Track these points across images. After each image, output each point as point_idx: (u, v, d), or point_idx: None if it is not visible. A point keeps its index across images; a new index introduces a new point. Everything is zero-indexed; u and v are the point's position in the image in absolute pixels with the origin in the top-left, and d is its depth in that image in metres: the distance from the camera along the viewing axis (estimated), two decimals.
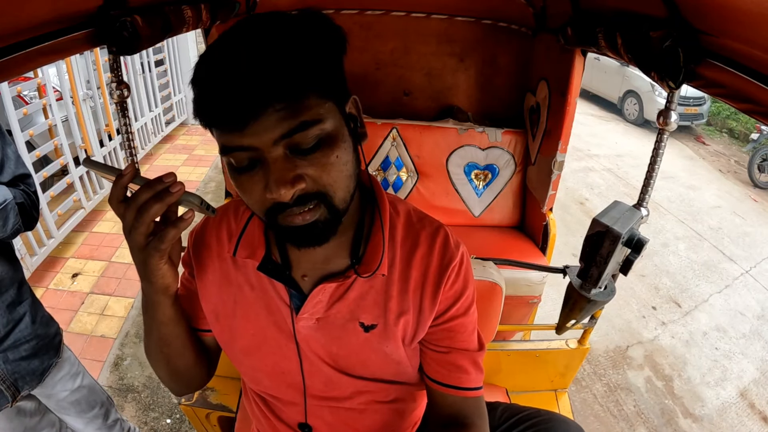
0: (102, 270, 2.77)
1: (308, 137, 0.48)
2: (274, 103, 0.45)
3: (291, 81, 0.46)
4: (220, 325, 0.69)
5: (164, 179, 0.52)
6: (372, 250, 0.63)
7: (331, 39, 0.50)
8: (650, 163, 1.01)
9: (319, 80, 0.48)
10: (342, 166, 0.51)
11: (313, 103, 0.48)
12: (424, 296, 0.65)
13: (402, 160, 1.93)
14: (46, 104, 2.70)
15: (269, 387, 0.74)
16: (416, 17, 1.88)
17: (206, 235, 0.70)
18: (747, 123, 6.88)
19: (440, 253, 0.65)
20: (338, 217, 0.54)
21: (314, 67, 0.48)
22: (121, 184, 0.52)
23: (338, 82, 0.52)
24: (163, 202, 0.51)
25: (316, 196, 0.51)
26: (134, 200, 0.52)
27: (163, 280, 0.58)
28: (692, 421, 2.18)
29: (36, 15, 0.66)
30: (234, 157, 0.50)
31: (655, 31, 0.76)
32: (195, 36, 4.92)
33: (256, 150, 0.48)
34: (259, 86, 0.45)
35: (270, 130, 0.46)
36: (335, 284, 0.63)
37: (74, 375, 1.23)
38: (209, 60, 0.48)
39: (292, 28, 0.48)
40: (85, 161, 0.53)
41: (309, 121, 0.47)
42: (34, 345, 1.10)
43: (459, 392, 0.69)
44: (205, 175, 4.05)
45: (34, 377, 1.11)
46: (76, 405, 1.25)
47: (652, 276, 3.26)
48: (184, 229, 0.55)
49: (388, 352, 0.66)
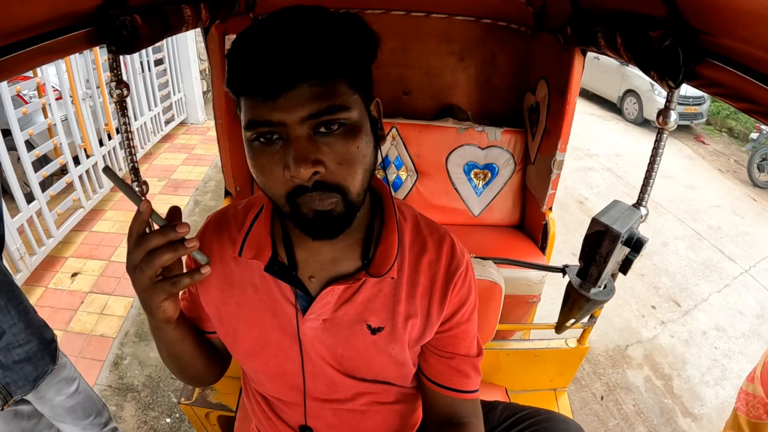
0: (101, 269, 2.77)
1: (335, 121, 0.49)
2: (309, 79, 0.47)
3: (327, 61, 0.48)
4: (224, 328, 0.70)
5: (177, 229, 0.52)
6: (382, 253, 0.63)
7: (367, 38, 0.52)
8: (650, 163, 1.01)
9: (352, 70, 0.50)
10: (361, 158, 0.52)
11: (343, 90, 0.49)
12: (432, 302, 0.65)
13: (401, 159, 1.94)
14: (45, 103, 2.69)
15: (271, 388, 0.74)
16: (416, 16, 1.88)
17: (207, 239, 0.69)
18: (746, 122, 6.88)
19: (447, 260, 0.66)
20: (353, 210, 0.54)
21: (350, 57, 0.50)
22: (141, 219, 0.52)
23: (367, 81, 0.55)
24: (176, 253, 0.52)
25: (334, 188, 0.51)
26: (145, 243, 0.51)
27: (164, 314, 0.58)
28: (691, 420, 2.18)
29: (35, 14, 0.66)
30: (258, 132, 0.50)
31: (655, 30, 0.76)
32: (194, 35, 4.91)
33: (282, 126, 0.49)
34: (297, 60, 0.46)
35: (300, 107, 0.47)
36: (344, 286, 0.62)
37: (70, 380, 1.21)
38: (251, 34, 0.49)
39: (335, 20, 0.50)
40: (105, 170, 0.53)
41: (338, 105, 0.49)
42: (28, 350, 1.07)
43: (458, 394, 0.70)
44: (205, 174, 4.05)
45: (27, 382, 1.09)
46: (71, 412, 1.22)
47: (652, 275, 3.26)
48: (199, 280, 0.56)
49: (393, 354, 0.67)
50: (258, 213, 0.67)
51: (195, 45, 4.97)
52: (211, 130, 4.73)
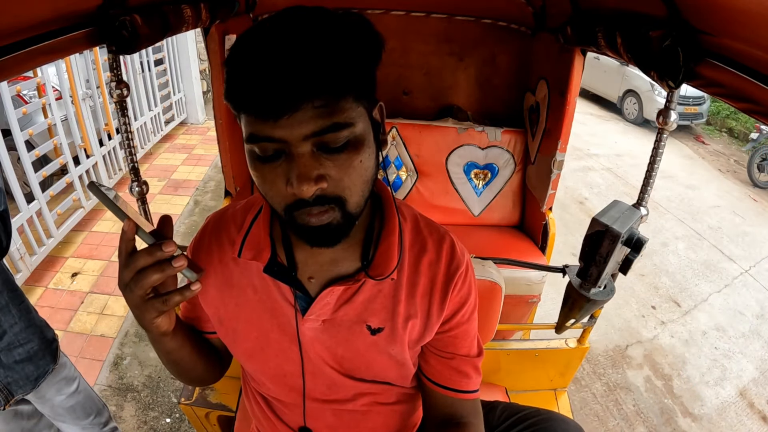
0: (101, 269, 2.77)
1: (338, 138, 0.48)
2: (313, 100, 0.45)
3: (333, 80, 0.45)
4: (224, 329, 0.70)
5: (164, 248, 0.51)
6: (383, 254, 0.63)
7: (372, 44, 0.50)
8: (650, 163, 1.02)
9: (358, 83, 0.49)
10: (363, 171, 0.52)
11: (348, 106, 0.48)
12: (432, 302, 0.65)
13: (401, 159, 1.94)
14: (45, 103, 2.69)
15: (271, 389, 0.74)
16: (416, 16, 1.88)
17: (206, 240, 0.69)
18: (746, 122, 6.88)
19: (447, 261, 0.66)
20: (351, 221, 0.54)
21: (356, 70, 0.48)
22: (126, 239, 0.52)
23: (371, 88, 0.53)
24: (164, 273, 0.51)
25: (334, 200, 0.51)
26: (133, 263, 0.51)
27: (158, 329, 0.58)
28: (691, 421, 2.18)
29: (36, 14, 0.66)
30: (259, 146, 0.49)
31: (655, 30, 0.76)
32: (194, 35, 4.91)
33: (284, 143, 0.47)
34: (302, 80, 0.44)
35: (303, 125, 0.46)
36: (343, 287, 0.62)
37: (70, 380, 1.21)
38: (251, 43, 0.47)
39: (338, 26, 0.47)
40: (90, 186, 0.51)
41: (342, 123, 0.47)
42: (29, 349, 1.08)
43: (458, 394, 0.70)
44: (205, 174, 4.05)
45: (28, 382, 1.09)
46: (71, 411, 1.22)
47: (652, 275, 3.26)
48: (190, 297, 0.55)
49: (393, 354, 0.67)
50: (257, 214, 0.66)
51: (195, 45, 4.97)
52: (211, 130, 4.73)
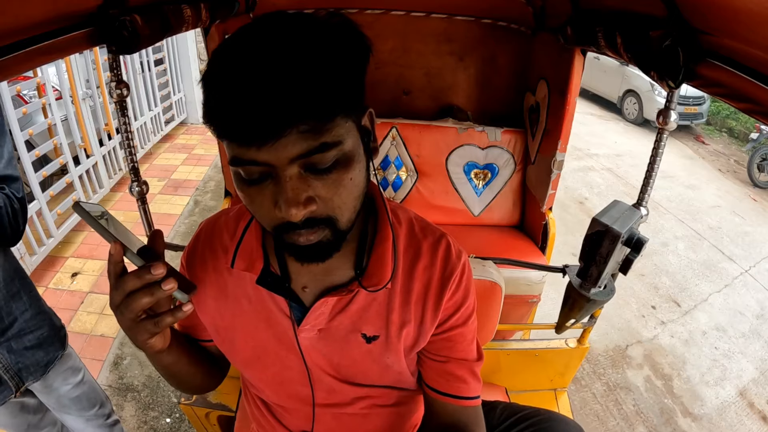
0: (101, 269, 2.77)
1: (326, 159, 0.46)
2: (298, 124, 0.42)
3: (319, 102, 0.42)
4: (221, 338, 0.70)
5: (153, 271, 0.50)
6: (375, 263, 0.62)
7: (359, 50, 0.47)
8: (650, 163, 1.01)
9: (346, 100, 0.46)
10: (354, 188, 0.50)
11: (337, 123, 0.45)
12: (426, 307, 0.64)
13: (401, 159, 1.93)
14: (45, 103, 2.69)
15: (271, 396, 0.74)
16: (416, 16, 1.88)
17: (199, 249, 0.69)
18: (746, 122, 6.88)
19: (442, 265, 0.64)
20: (342, 237, 0.53)
21: (343, 86, 0.44)
22: (114, 261, 0.51)
23: (360, 98, 0.49)
24: (153, 296, 0.51)
25: (324, 221, 0.49)
26: (123, 286, 0.50)
27: (152, 348, 0.57)
28: (691, 420, 2.18)
29: (35, 14, 0.66)
30: (244, 170, 0.47)
31: (655, 30, 0.76)
32: (194, 35, 4.91)
33: (270, 166, 0.45)
34: (285, 105, 0.41)
35: (289, 148, 0.43)
36: (337, 297, 0.62)
37: (76, 370, 1.23)
38: (228, 61, 0.43)
39: (321, 36, 0.44)
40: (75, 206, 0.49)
41: (330, 143, 0.45)
42: (39, 336, 1.10)
43: (457, 401, 0.69)
44: (205, 174, 4.05)
45: (38, 368, 1.11)
46: (77, 402, 1.24)
47: (652, 275, 3.26)
48: (181, 318, 0.54)
49: (389, 362, 0.66)
50: (249, 222, 0.66)
51: (195, 45, 4.97)
52: None
